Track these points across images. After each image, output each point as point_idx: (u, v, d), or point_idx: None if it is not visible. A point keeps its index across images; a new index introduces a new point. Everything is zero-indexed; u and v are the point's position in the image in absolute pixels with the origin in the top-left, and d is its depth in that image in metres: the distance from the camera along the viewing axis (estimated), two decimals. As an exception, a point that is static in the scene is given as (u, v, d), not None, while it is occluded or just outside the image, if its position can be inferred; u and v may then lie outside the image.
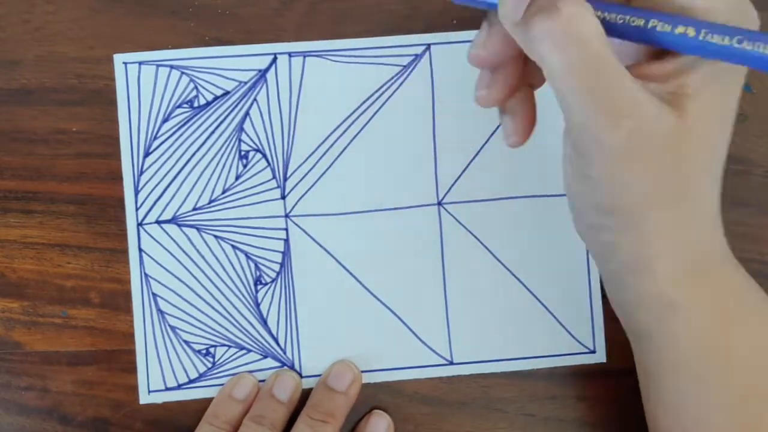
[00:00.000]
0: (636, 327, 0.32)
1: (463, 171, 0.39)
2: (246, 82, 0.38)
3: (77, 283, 0.38)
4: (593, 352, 0.38)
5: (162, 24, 0.38)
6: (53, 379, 0.38)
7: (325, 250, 0.38)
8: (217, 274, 0.38)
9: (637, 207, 0.28)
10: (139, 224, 0.38)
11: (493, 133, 0.39)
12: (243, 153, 0.38)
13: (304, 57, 0.38)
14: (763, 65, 0.26)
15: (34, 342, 0.38)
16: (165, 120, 0.38)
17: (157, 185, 0.38)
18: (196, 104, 0.38)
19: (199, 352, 0.38)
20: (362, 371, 0.38)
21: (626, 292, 0.31)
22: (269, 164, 0.38)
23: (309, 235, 0.38)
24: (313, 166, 0.38)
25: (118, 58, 0.38)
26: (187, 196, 0.38)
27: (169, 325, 0.38)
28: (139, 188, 0.38)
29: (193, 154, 0.38)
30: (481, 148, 0.39)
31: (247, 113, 0.38)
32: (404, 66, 0.38)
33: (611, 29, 0.27)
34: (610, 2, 0.28)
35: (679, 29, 0.27)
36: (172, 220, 0.38)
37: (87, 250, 0.38)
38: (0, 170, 0.38)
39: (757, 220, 0.39)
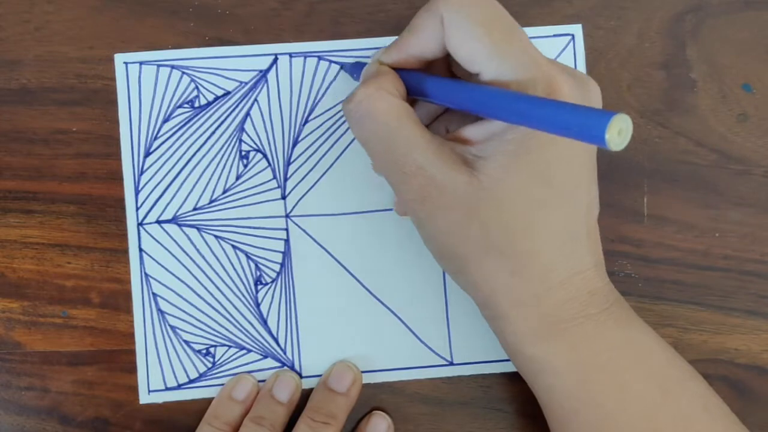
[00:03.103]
0: (521, 372, 0.34)
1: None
2: (247, 83, 0.38)
3: (77, 283, 0.38)
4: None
5: (162, 24, 0.38)
6: (53, 379, 0.38)
7: (326, 250, 0.38)
8: (218, 274, 0.38)
9: (464, 253, 0.31)
10: (140, 224, 0.38)
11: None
12: (244, 153, 0.38)
13: (305, 57, 0.38)
14: (550, 128, 0.26)
15: (34, 342, 0.38)
16: (166, 120, 0.38)
17: (157, 185, 0.38)
18: (196, 104, 0.38)
19: (199, 352, 0.38)
20: (362, 371, 0.38)
21: (502, 341, 0.33)
22: (270, 164, 0.38)
23: (309, 235, 0.38)
24: (314, 166, 0.38)
25: (119, 58, 0.38)
26: (188, 196, 0.38)
27: (169, 325, 0.38)
28: (140, 188, 0.38)
29: (194, 154, 0.38)
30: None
31: (248, 113, 0.38)
32: (404, 66, 0.38)
33: (433, 95, 0.32)
34: (436, 75, 0.32)
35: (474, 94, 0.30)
36: (173, 220, 0.38)
37: (87, 250, 0.38)
38: (0, 170, 0.38)
39: (757, 220, 0.39)
